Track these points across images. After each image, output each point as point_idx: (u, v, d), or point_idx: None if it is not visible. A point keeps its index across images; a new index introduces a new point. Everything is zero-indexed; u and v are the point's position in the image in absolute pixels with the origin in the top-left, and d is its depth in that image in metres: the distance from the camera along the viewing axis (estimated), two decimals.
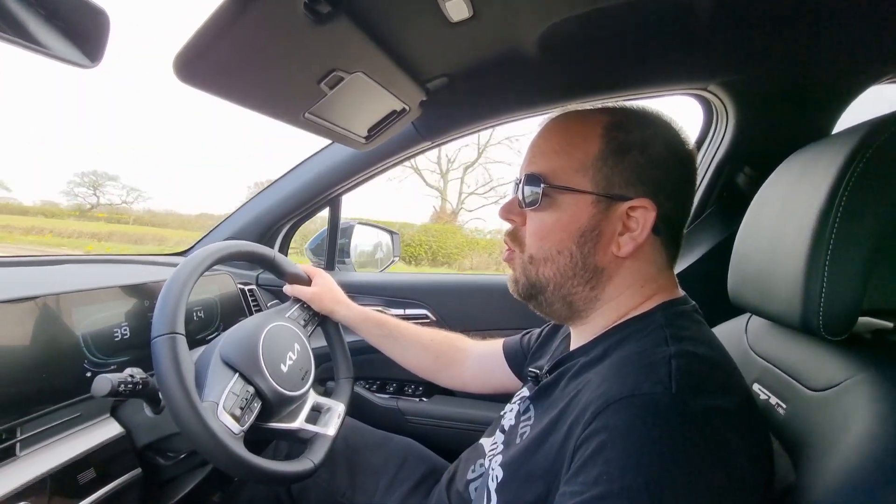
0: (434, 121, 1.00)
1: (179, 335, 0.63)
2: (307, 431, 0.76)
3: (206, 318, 1.00)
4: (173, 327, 0.63)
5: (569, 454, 0.44)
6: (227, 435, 0.61)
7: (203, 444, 0.59)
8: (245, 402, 0.66)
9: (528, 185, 0.55)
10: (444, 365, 0.90)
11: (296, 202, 1.21)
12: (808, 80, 0.80)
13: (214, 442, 0.59)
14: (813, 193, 0.48)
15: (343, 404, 0.82)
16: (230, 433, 0.62)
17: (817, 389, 0.49)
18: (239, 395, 0.66)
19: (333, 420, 0.79)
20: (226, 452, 0.60)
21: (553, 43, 0.74)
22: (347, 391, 0.85)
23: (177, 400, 0.59)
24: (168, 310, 0.64)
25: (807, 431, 0.48)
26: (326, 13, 0.53)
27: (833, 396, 0.47)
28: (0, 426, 0.61)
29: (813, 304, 0.47)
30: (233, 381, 0.67)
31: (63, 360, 0.71)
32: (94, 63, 0.53)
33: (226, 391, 0.65)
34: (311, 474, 0.71)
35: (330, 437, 0.77)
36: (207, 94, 0.56)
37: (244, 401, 0.66)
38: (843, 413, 0.44)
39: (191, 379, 0.61)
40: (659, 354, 0.46)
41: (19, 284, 0.76)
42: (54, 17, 0.50)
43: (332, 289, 0.95)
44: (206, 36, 0.49)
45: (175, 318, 0.63)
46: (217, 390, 0.65)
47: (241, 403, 0.66)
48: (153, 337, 0.62)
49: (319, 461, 0.72)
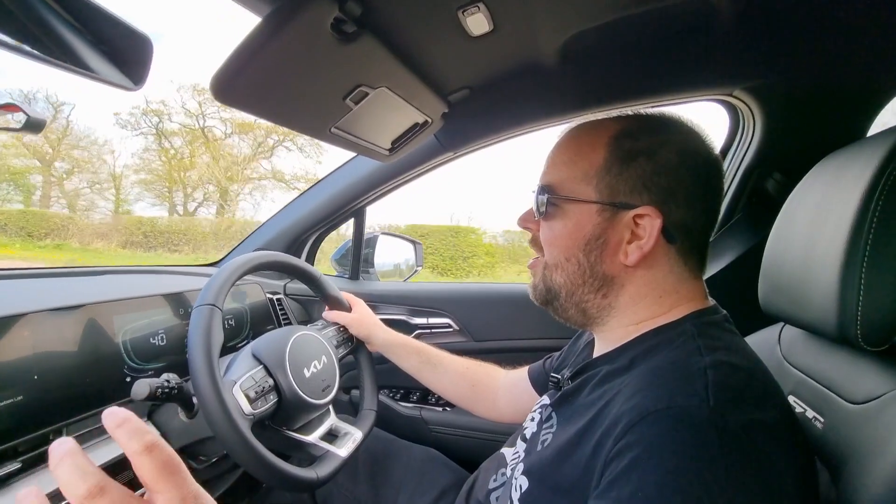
0: (456, 132, 1.02)
1: (218, 309, 0.67)
2: (319, 448, 0.75)
3: (237, 326, 1.03)
4: (215, 301, 0.67)
5: (598, 467, 0.43)
6: (237, 411, 0.63)
7: (212, 414, 0.61)
8: (262, 390, 0.68)
9: (539, 194, 0.57)
10: (480, 394, 0.90)
11: (322, 214, 1.24)
12: (841, 81, 0.78)
13: (223, 414, 0.60)
14: (847, 197, 0.47)
15: (362, 433, 0.80)
16: (240, 410, 0.64)
17: (857, 402, 0.48)
18: (258, 381, 0.69)
19: (348, 444, 0.77)
20: (232, 427, 0.61)
21: (573, 53, 0.75)
22: (369, 422, 0.84)
23: (199, 367, 0.62)
24: (215, 285, 0.69)
25: (847, 445, 0.46)
26: (352, 32, 0.56)
27: (874, 409, 0.45)
28: (49, 427, 0.65)
29: (849, 314, 0.46)
30: (256, 369, 0.71)
31: (105, 365, 0.75)
32: (137, 86, 0.57)
33: (246, 375, 0.69)
34: (309, 487, 0.68)
35: (341, 458, 0.74)
36: (242, 111, 0.59)
37: (261, 388, 0.68)
38: (885, 426, 0.42)
39: (216, 350, 0.64)
40: (693, 365, 0.44)
41: (66, 293, 0.81)
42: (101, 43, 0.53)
43: (371, 315, 0.97)
44: (240, 59, 0.52)
45: (219, 294, 0.68)
46: (238, 373, 0.69)
47: (257, 389, 0.68)
48: (195, 306, 0.67)
49: (323, 477, 0.70)
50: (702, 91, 0.86)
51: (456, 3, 0.58)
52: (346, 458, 0.74)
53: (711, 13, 0.66)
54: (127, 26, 0.53)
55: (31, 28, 0.46)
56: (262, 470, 0.63)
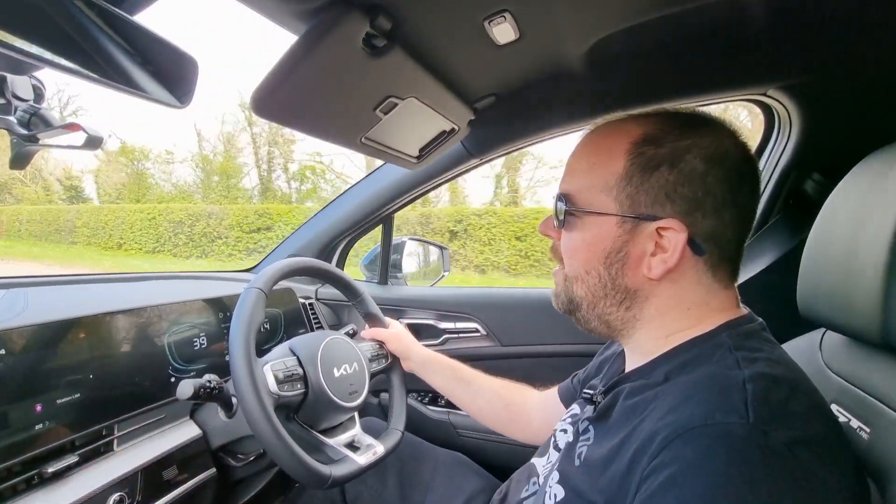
0: (482, 139, 1.03)
1: (263, 293, 0.73)
2: (338, 452, 0.75)
3: (271, 329, 1.07)
4: (265, 287, 0.73)
5: (634, 484, 0.42)
6: (263, 385, 0.67)
7: (240, 383, 0.65)
8: (290, 376, 0.72)
9: (558, 202, 0.55)
10: (515, 414, 0.88)
11: (352, 220, 1.27)
12: (881, 78, 0.75)
13: (251, 385, 0.64)
14: (891, 197, 0.46)
15: (385, 448, 0.79)
16: (266, 386, 0.68)
17: None
18: (288, 367, 0.73)
19: (368, 454, 0.76)
20: (257, 399, 0.64)
21: (600, 58, 0.75)
22: (393, 441, 0.83)
23: (236, 338, 0.67)
24: (268, 273, 0.76)
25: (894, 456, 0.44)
26: (382, 46, 0.58)
27: None
28: (103, 423, 0.69)
29: (894, 319, 0.44)
30: (289, 358, 0.75)
31: (152, 366, 0.79)
32: (183, 104, 0.60)
33: (279, 360, 0.73)
34: (320, 483, 0.67)
35: (359, 465, 0.73)
36: (279, 125, 0.62)
37: (290, 374, 0.73)
38: None
39: (255, 327, 0.69)
40: (732, 379, 0.42)
41: (116, 298, 0.86)
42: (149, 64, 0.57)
43: (408, 333, 0.98)
44: (278, 76, 0.55)
45: (270, 281, 0.75)
46: (272, 357, 0.75)
47: (286, 373, 0.72)
48: (246, 288, 0.73)
49: (337, 477, 0.69)
50: (733, 92, 0.84)
51: (482, 13, 0.59)
52: (363, 467, 0.74)
53: (742, 12, 0.65)
54: (174, 48, 0.56)
55: (89, 51, 0.50)
56: (280, 449, 0.64)
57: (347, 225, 1.28)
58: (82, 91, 13.58)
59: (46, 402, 0.64)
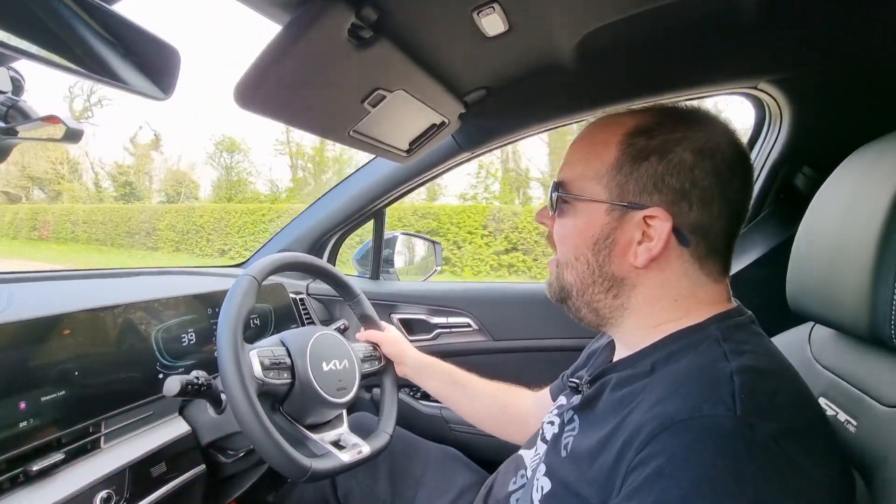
0: (473, 132, 1.02)
1: (257, 281, 0.73)
2: (322, 447, 0.74)
3: (261, 324, 1.06)
4: (259, 275, 0.74)
5: (620, 476, 0.42)
6: (247, 369, 0.67)
7: (224, 367, 0.65)
8: (277, 364, 0.72)
9: (553, 191, 0.57)
10: (512, 416, 0.87)
11: (342, 215, 1.27)
12: (872, 73, 0.75)
13: (234, 367, 0.64)
14: (880, 191, 0.45)
15: (370, 449, 0.78)
16: (250, 370, 0.68)
17: (892, 405, 0.46)
18: (275, 355, 0.73)
19: (353, 452, 0.75)
20: (239, 381, 0.64)
21: (590, 51, 0.74)
22: (380, 443, 0.81)
23: (224, 321, 0.67)
24: (264, 263, 0.77)
25: (881, 450, 0.45)
26: (368, 37, 0.57)
27: None
28: (89, 420, 0.69)
29: (883, 313, 0.44)
30: (278, 347, 0.75)
31: (139, 363, 0.78)
32: (166, 95, 0.59)
33: (267, 347, 0.74)
34: (300, 473, 0.66)
35: (342, 462, 0.72)
36: (263, 117, 0.61)
37: (277, 362, 0.72)
38: None
39: (244, 312, 0.70)
40: (719, 371, 0.42)
41: (103, 294, 0.85)
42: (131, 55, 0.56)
43: (403, 336, 0.97)
44: (261, 67, 0.54)
45: (265, 271, 0.76)
46: (261, 345, 0.75)
47: (273, 360, 0.72)
48: (241, 274, 0.73)
49: (317, 471, 0.67)
50: (724, 85, 0.84)
51: (470, 4, 0.58)
52: (346, 464, 0.72)
53: (733, 5, 0.64)
54: (155, 38, 0.55)
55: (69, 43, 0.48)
56: (259, 434, 0.63)
57: (338, 220, 1.27)
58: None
59: (30, 400, 0.63)
